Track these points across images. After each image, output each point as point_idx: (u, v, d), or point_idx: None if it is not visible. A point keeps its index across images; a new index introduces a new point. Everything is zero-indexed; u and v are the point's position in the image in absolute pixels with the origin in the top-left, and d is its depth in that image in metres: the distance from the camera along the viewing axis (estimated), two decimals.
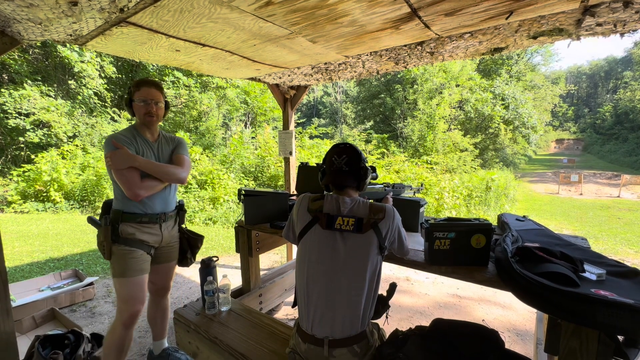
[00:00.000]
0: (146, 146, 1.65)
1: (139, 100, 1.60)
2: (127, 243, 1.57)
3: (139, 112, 1.62)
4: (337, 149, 1.28)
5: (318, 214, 1.20)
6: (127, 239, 1.57)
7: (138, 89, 1.61)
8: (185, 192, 7.55)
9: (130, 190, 1.50)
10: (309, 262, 1.19)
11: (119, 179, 1.50)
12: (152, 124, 1.66)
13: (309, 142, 9.56)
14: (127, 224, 1.58)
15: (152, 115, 1.63)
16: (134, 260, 1.57)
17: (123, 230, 1.57)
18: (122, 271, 1.55)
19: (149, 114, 1.62)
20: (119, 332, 1.56)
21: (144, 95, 1.61)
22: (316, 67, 2.44)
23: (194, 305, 1.80)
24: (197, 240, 1.89)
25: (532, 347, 2.18)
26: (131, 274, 1.56)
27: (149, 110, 1.61)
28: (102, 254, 1.58)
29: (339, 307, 1.13)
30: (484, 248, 1.23)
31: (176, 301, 2.86)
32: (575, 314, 0.92)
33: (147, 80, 1.66)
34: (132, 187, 1.50)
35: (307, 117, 22.62)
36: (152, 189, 1.59)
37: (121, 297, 1.56)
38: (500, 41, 1.86)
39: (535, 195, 12.02)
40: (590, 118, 42.33)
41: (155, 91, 1.64)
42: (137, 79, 1.67)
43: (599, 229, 7.31)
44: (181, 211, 1.86)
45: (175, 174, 1.65)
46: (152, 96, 1.63)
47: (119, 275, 1.55)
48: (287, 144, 3.25)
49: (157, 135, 1.73)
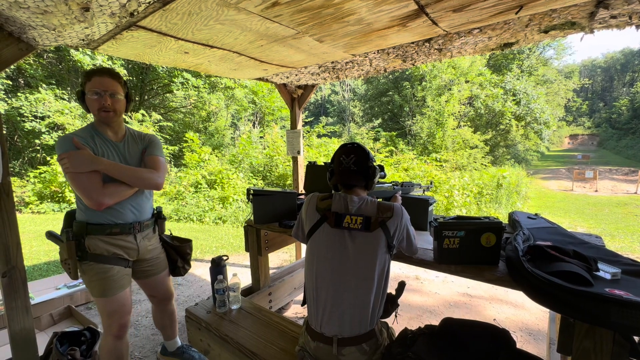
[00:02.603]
0: (108, 147, 1.41)
1: (91, 93, 1.34)
2: (99, 260, 1.38)
3: (92, 107, 1.37)
4: (345, 148, 1.29)
5: (326, 212, 1.20)
6: (97, 255, 1.38)
7: (89, 80, 1.35)
8: (195, 192, 7.66)
9: (91, 199, 1.28)
10: (318, 260, 1.19)
11: (76, 184, 1.28)
12: (110, 120, 1.40)
13: (316, 140, 9.56)
14: (94, 237, 1.37)
15: (108, 110, 1.37)
16: (111, 279, 1.41)
17: (91, 245, 1.37)
18: (101, 291, 1.40)
19: (104, 108, 1.36)
20: (111, 344, 1.46)
21: (96, 86, 1.35)
22: (323, 66, 2.44)
23: (205, 304, 1.83)
24: (184, 247, 1.72)
25: (544, 347, 2.14)
26: (112, 293, 1.41)
27: (102, 105, 1.35)
28: (68, 273, 1.38)
29: (348, 305, 1.14)
30: (494, 247, 1.22)
31: (187, 299, 2.91)
32: (589, 313, 0.90)
33: (100, 69, 1.39)
34: (93, 194, 1.27)
35: (314, 116, 22.65)
36: (118, 195, 1.36)
37: (105, 314, 1.43)
38: (510, 36, 1.82)
39: (548, 193, 11.78)
40: (605, 112, 41.15)
41: (109, 80, 1.38)
42: (88, 69, 1.42)
43: (615, 226, 7.12)
44: (159, 219, 1.65)
45: (148, 179, 1.42)
46: (106, 87, 1.36)
47: (98, 295, 1.41)
48: (295, 143, 3.26)
49: (122, 133, 1.49)
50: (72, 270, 1.37)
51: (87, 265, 1.38)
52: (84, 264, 1.38)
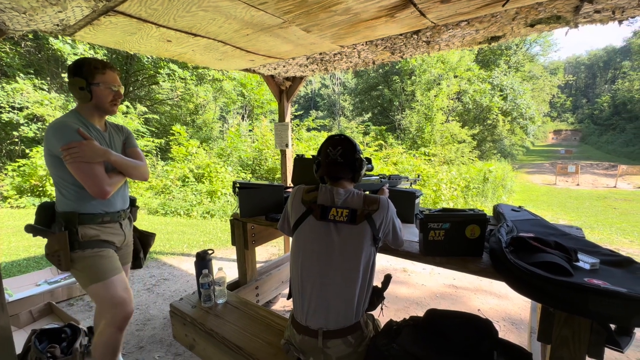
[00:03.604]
0: (99, 137, 1.45)
1: (106, 86, 1.41)
2: (93, 245, 1.40)
3: (103, 99, 1.42)
4: (332, 140, 1.27)
5: (312, 205, 1.19)
6: (92, 241, 1.40)
7: (103, 73, 1.41)
8: (183, 185, 7.54)
9: (99, 188, 1.33)
10: (303, 253, 1.18)
11: (85, 174, 1.31)
12: (113, 114, 1.51)
13: (306, 134, 9.51)
14: (87, 226, 1.39)
15: (118, 105, 1.50)
16: (108, 259, 1.41)
17: (84, 233, 1.38)
18: (100, 274, 1.38)
19: (115, 102, 1.46)
20: (113, 337, 1.41)
21: (114, 81, 1.44)
22: (311, 58, 2.40)
23: (190, 298, 1.80)
24: (149, 237, 1.75)
25: (526, 335, 2.21)
26: (112, 274, 1.40)
27: (116, 99, 1.46)
28: (58, 265, 1.35)
29: (333, 298, 1.13)
30: (479, 238, 1.23)
31: (174, 294, 2.87)
32: (568, 302, 0.92)
33: (111, 64, 1.47)
34: (102, 183, 1.33)
35: (304, 110, 22.50)
36: (117, 184, 1.43)
37: (108, 301, 1.38)
38: (498, 29, 1.83)
39: (532, 186, 12.08)
40: (588, 109, 42.30)
41: (117, 75, 1.50)
42: (95, 59, 1.44)
43: (595, 219, 7.37)
44: (133, 208, 1.69)
45: (143, 171, 1.54)
46: (119, 82, 1.49)
47: (96, 280, 1.37)
48: (284, 136, 3.22)
49: (104, 123, 1.54)
50: (64, 261, 1.35)
51: (79, 253, 1.37)
52: (76, 253, 1.37)
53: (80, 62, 1.40)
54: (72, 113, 1.44)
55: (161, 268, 3.48)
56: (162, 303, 2.71)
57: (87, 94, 1.39)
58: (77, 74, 1.38)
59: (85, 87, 1.37)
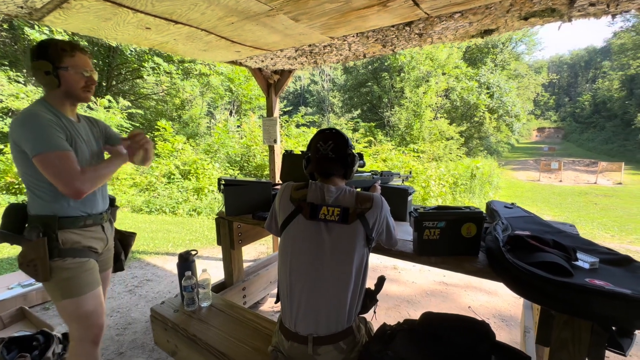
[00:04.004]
0: (72, 129, 1.27)
1: (77, 71, 1.23)
2: (75, 254, 1.25)
3: (73, 85, 1.24)
4: (322, 134, 1.20)
5: (301, 203, 1.11)
6: (74, 249, 1.25)
7: (72, 56, 1.23)
8: (168, 182, 7.33)
9: (68, 186, 1.13)
10: (292, 254, 1.11)
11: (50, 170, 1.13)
12: (87, 101, 1.34)
13: (295, 130, 9.39)
14: (68, 230, 1.24)
15: (92, 91, 1.31)
16: (89, 272, 1.27)
17: (66, 239, 1.23)
18: (77, 289, 1.24)
19: (89, 89, 1.29)
20: (90, 352, 1.29)
21: (85, 65, 1.26)
22: (300, 50, 2.31)
23: (172, 302, 1.70)
24: (130, 238, 1.60)
25: (517, 332, 2.20)
26: (90, 288, 1.26)
27: (89, 85, 1.28)
28: (34, 276, 1.19)
29: (324, 302, 1.06)
30: (475, 237, 1.19)
31: (157, 296, 2.75)
32: (570, 304, 0.88)
33: (81, 46, 1.28)
34: (72, 180, 1.13)
35: (294, 106, 22.30)
36: (98, 181, 1.23)
37: (81, 317, 1.25)
38: (491, 22, 1.78)
39: (517, 183, 12.32)
40: (570, 107, 43.50)
41: (89, 59, 1.30)
42: (63, 41, 1.26)
43: (577, 214, 7.56)
44: (113, 208, 1.54)
45: None
46: (91, 66, 1.29)
47: (72, 295, 1.23)
48: (272, 132, 3.13)
49: (77, 115, 1.37)
50: (42, 272, 1.18)
51: (58, 263, 1.21)
52: (55, 262, 1.21)
53: (45, 43, 1.23)
54: (40, 102, 1.26)
55: (144, 268, 3.34)
56: (145, 305, 2.60)
57: (54, 80, 1.21)
58: (41, 56, 1.20)
59: (51, 71, 1.20)
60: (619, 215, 7.45)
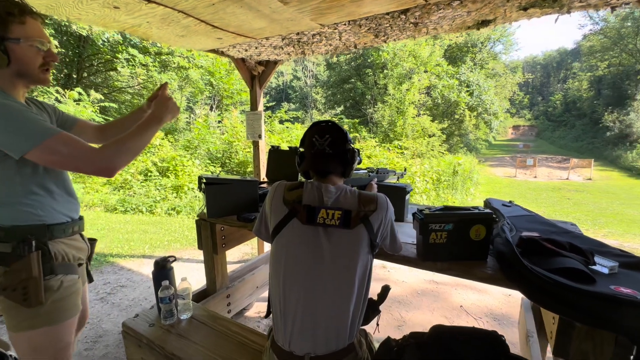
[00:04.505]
0: None
1: (30, 42, 0.95)
2: (67, 270, 1.06)
3: (29, 63, 0.97)
4: (318, 127, 1.07)
5: (296, 205, 0.98)
6: (66, 264, 1.06)
7: (22, 22, 0.94)
8: (145, 180, 6.97)
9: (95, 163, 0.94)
10: (286, 264, 0.98)
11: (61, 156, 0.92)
12: (47, 84, 1.06)
13: (279, 126, 9.18)
14: (58, 241, 1.05)
15: (50, 71, 1.05)
16: (76, 294, 1.08)
17: (57, 251, 1.03)
18: (62, 313, 1.03)
19: (48, 67, 1.02)
20: None
21: (39, 35, 0.97)
22: (287, 38, 2.16)
23: (148, 315, 1.53)
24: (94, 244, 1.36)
25: (511, 331, 2.17)
26: (73, 313, 1.06)
27: (48, 62, 1.01)
28: (22, 301, 0.95)
29: (323, 317, 0.94)
30: (484, 240, 1.10)
31: (132, 303, 2.54)
32: (596, 315, 0.79)
33: (30, 8, 0.98)
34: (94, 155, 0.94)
35: (276, 101, 21.94)
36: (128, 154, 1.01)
37: (53, 349, 1.03)
38: (490, 12, 1.70)
39: (495, 179, 12.68)
40: (543, 106, 45.36)
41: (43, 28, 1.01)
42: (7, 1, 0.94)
43: (552, 209, 7.83)
44: None
45: None
46: (48, 37, 1.01)
47: (54, 321, 1.01)
48: (256, 127, 2.96)
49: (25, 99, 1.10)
50: (35, 294, 0.96)
51: (51, 282, 1.00)
52: (48, 281, 1.00)
53: None
54: None
55: (118, 273, 3.10)
56: (118, 315, 2.39)
57: (3, 57, 0.93)
58: None
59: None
60: (590, 210, 7.78)
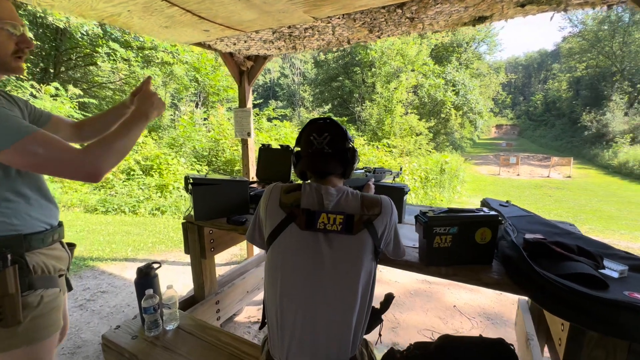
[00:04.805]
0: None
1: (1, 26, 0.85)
2: (47, 284, 0.95)
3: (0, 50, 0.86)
4: (316, 125, 0.99)
5: (294, 209, 0.91)
6: (45, 277, 0.95)
7: None
8: (127, 179, 6.71)
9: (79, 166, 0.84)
10: (283, 273, 0.90)
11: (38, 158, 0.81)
12: (20, 73, 0.93)
13: (267, 124, 9.03)
14: (37, 252, 0.94)
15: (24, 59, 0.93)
16: (57, 309, 0.98)
17: (36, 264, 0.93)
18: (38, 332, 0.92)
19: (21, 54, 0.91)
20: None
21: (9, 16, 0.86)
22: (278, 32, 2.07)
23: (130, 326, 1.42)
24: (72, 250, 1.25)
25: (505, 331, 2.16)
26: (53, 330, 0.96)
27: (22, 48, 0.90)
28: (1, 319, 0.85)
29: (324, 330, 0.87)
30: (489, 243, 1.05)
31: (114, 311, 2.40)
32: (613, 324, 0.76)
33: None
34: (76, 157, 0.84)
35: (263, 99, 21.68)
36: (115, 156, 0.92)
37: None
38: (487, 7, 1.66)
39: (480, 177, 12.93)
40: (524, 106, 46.66)
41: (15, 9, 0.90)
42: None
43: (535, 206, 8.03)
44: None
45: None
46: (20, 20, 0.91)
47: (30, 341, 0.91)
48: (245, 124, 2.85)
49: None
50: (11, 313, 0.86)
51: (30, 298, 0.90)
52: (25, 298, 0.90)
53: None
54: None
55: (98, 278, 2.94)
56: (99, 323, 2.25)
57: None
58: None
59: None
60: (571, 207, 8.02)
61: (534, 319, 1.51)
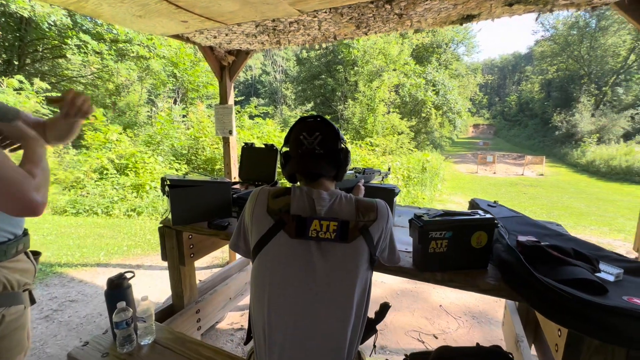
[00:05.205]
0: None
1: None
2: (11, 301, 0.87)
3: None
4: (305, 124, 0.92)
5: (283, 216, 0.83)
6: (8, 294, 0.87)
7: None
8: (100, 179, 6.36)
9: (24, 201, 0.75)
10: (271, 285, 0.83)
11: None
12: None
13: (249, 122, 8.83)
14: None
15: None
16: (22, 328, 0.91)
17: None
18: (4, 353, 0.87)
19: None
20: None
21: None
22: (262, 25, 1.98)
23: (100, 341, 1.30)
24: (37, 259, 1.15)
25: (491, 330, 2.18)
26: (16, 353, 0.90)
27: None
28: None
29: (316, 346, 0.81)
30: (485, 247, 1.02)
31: (84, 322, 2.24)
32: (612, 330, 0.74)
33: None
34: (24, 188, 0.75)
35: (245, 96, 21.27)
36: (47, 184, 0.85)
37: None
38: (476, 6, 1.65)
39: (459, 175, 13.28)
40: (500, 106, 48.42)
41: None
42: None
43: (511, 203, 8.30)
44: None
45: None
46: None
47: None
48: (226, 121, 2.74)
49: None
50: None
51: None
52: None
53: None
54: None
55: (67, 286, 2.74)
56: (67, 336, 2.08)
57: None
58: None
59: None
60: (544, 203, 8.37)
61: (522, 319, 1.51)
